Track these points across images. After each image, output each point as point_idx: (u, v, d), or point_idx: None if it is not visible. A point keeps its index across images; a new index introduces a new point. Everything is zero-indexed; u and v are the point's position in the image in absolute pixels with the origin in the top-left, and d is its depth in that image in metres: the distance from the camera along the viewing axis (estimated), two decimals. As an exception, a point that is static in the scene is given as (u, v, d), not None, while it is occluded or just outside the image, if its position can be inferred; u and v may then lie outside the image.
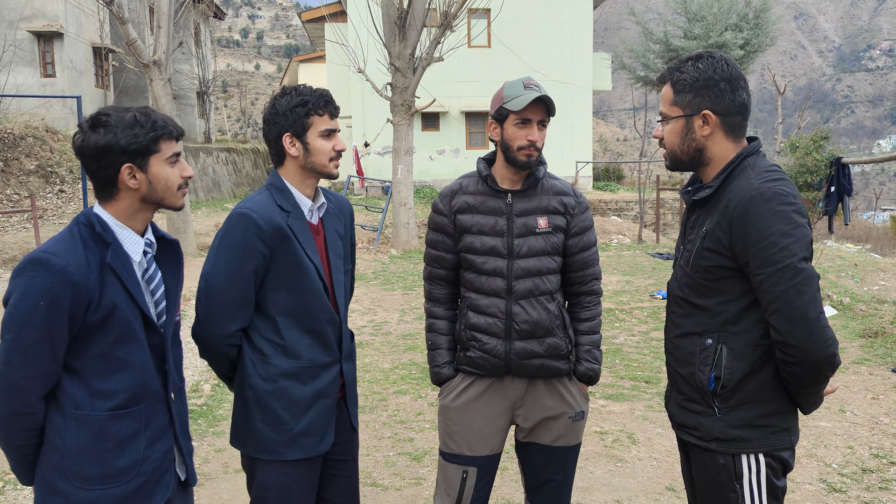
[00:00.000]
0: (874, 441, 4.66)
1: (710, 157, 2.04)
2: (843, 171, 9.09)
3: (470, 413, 2.57)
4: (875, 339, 7.13)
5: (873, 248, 18.45)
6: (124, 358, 1.90)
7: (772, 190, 1.87)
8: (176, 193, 1.98)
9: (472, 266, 2.55)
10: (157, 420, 1.98)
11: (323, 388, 2.33)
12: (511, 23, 21.54)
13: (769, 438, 1.98)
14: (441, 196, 2.62)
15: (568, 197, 2.59)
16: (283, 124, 2.27)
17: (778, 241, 1.83)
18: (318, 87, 2.36)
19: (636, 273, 11.24)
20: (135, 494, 1.92)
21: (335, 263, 2.40)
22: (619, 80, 28.48)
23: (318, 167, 2.31)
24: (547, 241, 2.52)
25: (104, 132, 1.88)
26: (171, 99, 11.68)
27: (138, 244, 1.96)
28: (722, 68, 1.99)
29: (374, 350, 6.90)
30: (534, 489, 2.67)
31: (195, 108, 27.68)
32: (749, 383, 1.96)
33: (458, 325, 2.60)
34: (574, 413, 2.61)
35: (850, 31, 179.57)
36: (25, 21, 19.86)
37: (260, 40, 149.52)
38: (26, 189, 15.22)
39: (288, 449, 2.29)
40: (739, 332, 1.96)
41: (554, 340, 2.53)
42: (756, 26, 22.08)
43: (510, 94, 2.45)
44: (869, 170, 77.70)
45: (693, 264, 2.03)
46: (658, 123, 2.14)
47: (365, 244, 13.92)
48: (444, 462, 2.63)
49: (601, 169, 27.29)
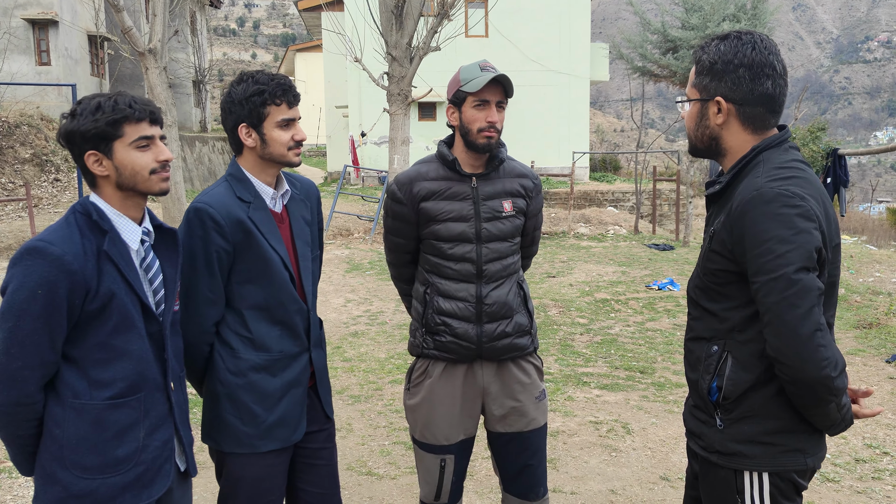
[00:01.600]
0: (867, 431, 4.68)
1: (727, 147, 1.89)
2: (839, 162, 9.10)
3: (443, 403, 2.57)
4: (869, 330, 7.15)
5: (869, 239, 18.48)
6: (122, 347, 1.89)
7: (774, 190, 1.70)
8: (149, 178, 1.92)
9: (439, 252, 2.52)
10: (157, 409, 1.98)
11: (293, 379, 2.30)
12: (508, 12, 21.44)
13: (777, 458, 1.81)
14: (398, 183, 2.55)
15: (527, 179, 2.61)
16: (239, 114, 2.21)
17: (774, 248, 1.67)
18: (278, 73, 2.28)
19: (632, 264, 11.25)
20: (134, 483, 1.92)
21: (302, 251, 2.35)
22: (616, 71, 28.39)
23: (277, 157, 2.25)
24: (512, 223, 2.55)
25: (70, 119, 1.88)
26: (167, 87, 11.63)
27: (136, 232, 1.95)
28: (745, 53, 1.81)
29: (369, 340, 6.91)
30: (511, 478, 2.66)
31: (191, 96, 27.52)
32: (753, 396, 1.81)
33: (425, 309, 2.56)
34: (538, 392, 2.64)
35: (848, 23, 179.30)
36: (20, 8, 19.70)
37: (256, 29, 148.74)
38: (21, 178, 15.16)
39: (262, 441, 2.27)
40: (745, 341, 1.81)
41: (519, 318, 2.57)
42: (753, 17, 22.00)
43: (467, 76, 2.43)
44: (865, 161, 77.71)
45: (702, 266, 1.91)
46: (681, 103, 2.00)
47: (361, 234, 13.90)
48: (422, 452, 2.63)
49: (598, 159, 27.27)
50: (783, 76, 1.84)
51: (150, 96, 11.33)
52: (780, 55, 1.85)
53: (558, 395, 5.29)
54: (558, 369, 5.89)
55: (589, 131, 24.18)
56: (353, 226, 14.69)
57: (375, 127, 21.39)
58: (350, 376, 5.80)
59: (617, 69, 26.88)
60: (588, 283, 9.71)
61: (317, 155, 38.36)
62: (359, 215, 15.20)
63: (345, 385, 5.58)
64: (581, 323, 7.60)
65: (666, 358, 6.28)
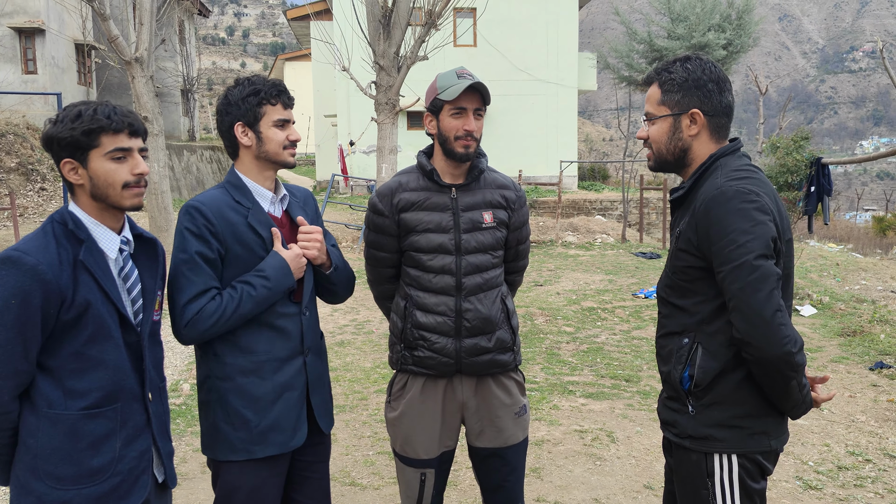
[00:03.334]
0: (850, 439, 4.71)
1: (693, 157, 2.06)
2: (822, 171, 9.16)
3: (423, 418, 2.53)
4: (853, 338, 7.19)
5: (855, 247, 18.62)
6: (98, 356, 1.88)
7: (733, 188, 1.89)
8: (120, 193, 1.91)
9: (419, 264, 2.49)
10: (134, 420, 1.96)
11: (286, 382, 2.27)
12: (497, 22, 21.54)
13: (744, 441, 1.97)
14: (379, 195, 2.53)
15: (509, 191, 2.57)
16: (236, 114, 2.24)
17: (736, 239, 1.84)
18: (273, 77, 2.32)
19: (619, 272, 11.28)
20: (110, 495, 1.90)
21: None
22: (604, 80, 28.57)
23: (272, 156, 2.26)
24: (493, 235, 2.51)
25: (51, 126, 1.88)
26: (154, 96, 11.58)
27: (114, 241, 1.94)
28: (710, 69, 2.02)
29: (355, 349, 6.89)
30: (491, 491, 2.65)
31: (179, 105, 27.45)
32: (722, 383, 1.97)
33: (404, 324, 2.53)
34: (518, 408, 2.60)
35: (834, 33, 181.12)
36: (6, 17, 19.62)
37: (246, 38, 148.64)
38: (6, 187, 15.05)
39: (257, 447, 2.23)
40: (714, 332, 1.97)
41: (501, 334, 2.52)
42: (739, 27, 22.22)
43: (444, 84, 2.41)
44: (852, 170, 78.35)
45: (670, 265, 2.07)
46: (644, 123, 2.14)
47: (349, 243, 13.88)
48: (402, 465, 2.60)
49: (586, 168, 27.36)
50: (732, 90, 2.10)
51: (136, 105, 11.28)
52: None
53: (544, 403, 5.28)
54: (544, 378, 5.89)
55: (577, 140, 24.27)
56: (341, 234, 14.67)
57: (364, 136, 21.38)
58: (335, 386, 5.77)
59: (605, 79, 27.06)
60: (575, 291, 9.73)
61: (306, 164, 38.27)
62: (347, 224, 15.18)
63: (330, 395, 5.56)
64: (567, 331, 7.60)
65: (651, 366, 6.29)
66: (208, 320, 2.13)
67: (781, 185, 9.67)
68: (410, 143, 22.52)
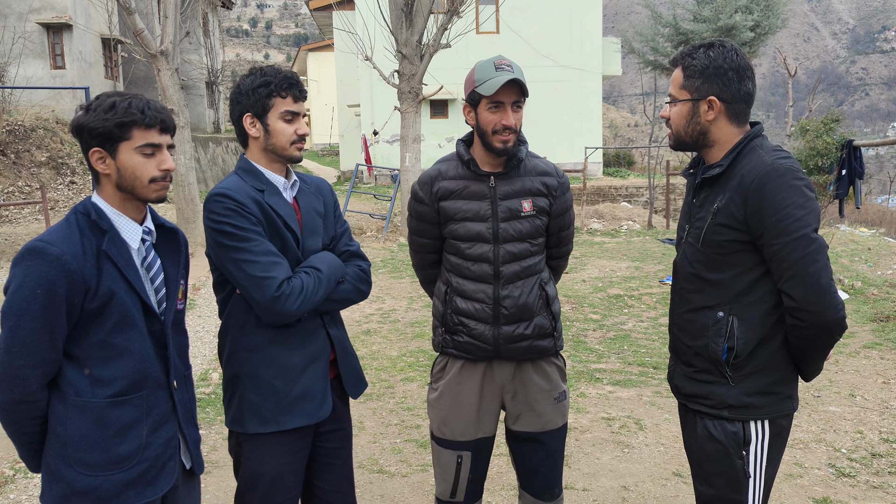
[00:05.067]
0: (884, 425, 4.63)
1: (714, 139, 2.13)
2: (854, 153, 8.97)
3: (461, 399, 2.55)
4: (886, 324, 7.06)
5: (887, 232, 18.24)
6: (123, 345, 1.90)
7: (784, 165, 1.99)
8: (147, 186, 1.93)
9: (458, 251, 2.51)
10: (159, 407, 1.99)
11: (314, 353, 2.30)
12: (519, 8, 21.37)
13: (776, 405, 2.09)
14: (420, 183, 2.56)
15: (550, 178, 2.54)
16: (245, 104, 2.24)
17: (793, 213, 1.94)
18: (287, 68, 2.30)
19: (646, 259, 11.19)
20: (138, 481, 1.93)
21: (311, 242, 2.34)
22: (629, 65, 28.24)
23: (279, 150, 2.26)
24: (532, 223, 2.49)
25: (83, 114, 1.89)
26: (179, 89, 11.68)
27: (136, 232, 1.96)
28: (731, 58, 2.08)
29: (381, 338, 6.91)
30: (526, 476, 2.66)
31: (204, 98, 27.66)
32: (761, 352, 2.06)
33: (445, 309, 2.56)
34: (557, 394, 2.60)
35: (865, 13, 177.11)
36: (34, 13, 19.88)
37: (269, 29, 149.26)
38: (37, 181, 15.29)
39: (287, 416, 2.25)
40: (751, 303, 2.06)
41: (540, 320, 2.52)
42: (767, 8, 21.78)
43: (482, 76, 2.38)
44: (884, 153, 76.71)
45: (704, 240, 2.11)
46: (666, 104, 2.22)
47: (374, 232, 13.91)
48: (439, 448, 2.62)
49: (611, 155, 27.13)
50: (754, 77, 2.16)
51: (162, 98, 11.39)
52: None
53: (571, 391, 5.26)
54: (571, 366, 5.85)
55: (602, 126, 24.04)
56: (365, 224, 14.72)
57: (387, 125, 21.39)
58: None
59: (629, 63, 26.75)
60: (601, 278, 9.67)
61: (329, 154, 38.43)
62: (371, 213, 15.22)
63: (357, 383, 5.58)
64: (594, 319, 7.56)
65: (679, 353, 6.23)
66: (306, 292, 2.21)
67: (811, 169, 9.50)
68: (433, 131, 22.49)
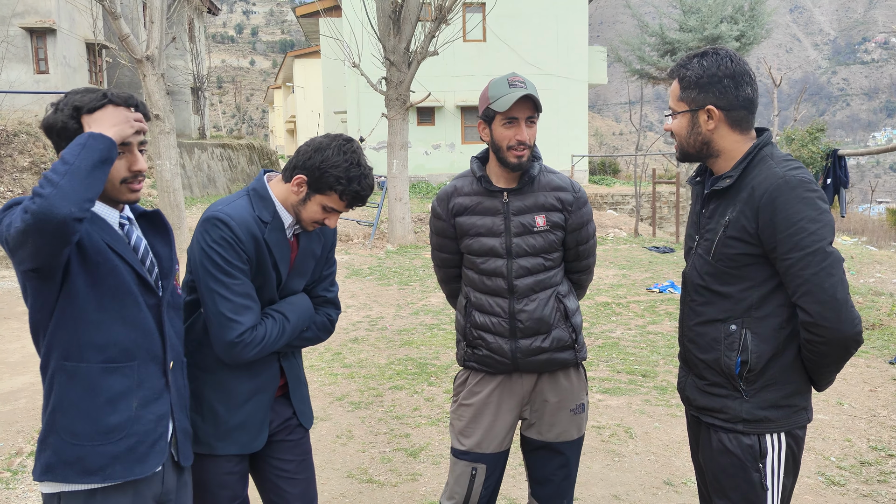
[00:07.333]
0: (872, 433, 4.65)
1: (719, 149, 2.09)
2: (839, 163, 9.07)
3: (482, 411, 2.57)
4: (872, 332, 7.11)
5: (869, 240, 18.45)
6: (118, 311, 1.86)
7: (797, 177, 1.93)
8: (118, 187, 1.87)
9: (474, 266, 2.55)
10: (151, 382, 1.93)
11: (261, 384, 2.27)
12: (506, 16, 21.47)
13: (791, 417, 2.06)
14: (438, 199, 2.61)
15: (565, 192, 2.54)
16: (309, 173, 2.16)
17: (807, 227, 1.89)
18: (369, 173, 2.25)
19: (633, 267, 11.22)
20: (126, 455, 1.87)
21: (296, 282, 2.33)
22: (615, 74, 28.44)
23: (300, 218, 2.24)
24: (545, 238, 2.50)
25: (52, 112, 1.84)
26: (165, 94, 11.60)
27: (113, 216, 1.92)
28: (726, 65, 2.04)
29: (369, 346, 6.87)
30: (537, 483, 2.66)
31: (189, 103, 27.52)
32: (774, 366, 2.03)
33: (465, 322, 2.59)
34: (575, 405, 2.61)
35: (846, 24, 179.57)
36: (18, 17, 19.70)
37: (255, 36, 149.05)
38: (20, 186, 15.12)
39: (220, 443, 2.23)
40: (763, 316, 2.02)
41: (558, 333, 2.53)
42: (751, 18, 22.04)
43: (495, 93, 2.40)
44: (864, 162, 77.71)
45: (715, 253, 2.08)
46: (668, 117, 2.20)
47: (361, 239, 13.87)
48: (454, 459, 2.63)
49: (597, 163, 27.27)
50: (755, 82, 2.10)
51: (148, 103, 11.30)
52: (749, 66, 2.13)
53: (560, 399, 5.24)
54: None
55: (587, 134, 24.16)
56: (352, 231, 14.68)
57: (374, 132, 21.38)
58: (350, 382, 5.76)
59: (615, 72, 26.94)
60: (589, 286, 9.67)
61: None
62: (358, 221, 15.17)
63: (345, 391, 5.54)
64: (582, 327, 7.55)
65: (668, 361, 6.24)
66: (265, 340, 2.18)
67: (797, 178, 9.58)
68: (420, 139, 22.53)
